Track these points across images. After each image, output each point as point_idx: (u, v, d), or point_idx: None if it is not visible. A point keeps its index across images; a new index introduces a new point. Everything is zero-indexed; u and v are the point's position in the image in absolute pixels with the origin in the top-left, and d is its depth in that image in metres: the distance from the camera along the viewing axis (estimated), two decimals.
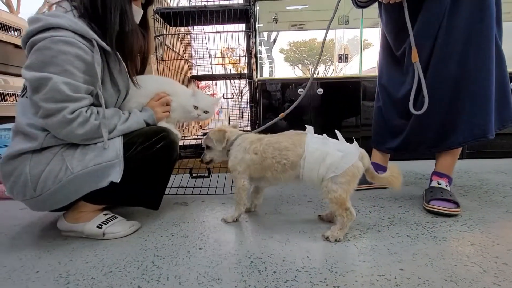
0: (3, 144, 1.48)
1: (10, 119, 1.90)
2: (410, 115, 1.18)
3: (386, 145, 1.39)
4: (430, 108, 1.08)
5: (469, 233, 0.90)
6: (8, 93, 1.95)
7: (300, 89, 2.14)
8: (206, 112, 1.13)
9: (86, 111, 0.86)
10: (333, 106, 2.17)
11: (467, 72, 1.08)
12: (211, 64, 2.25)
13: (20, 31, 2.15)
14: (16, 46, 2.07)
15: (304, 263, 0.75)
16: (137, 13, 0.99)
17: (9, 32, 2.06)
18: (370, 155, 1.49)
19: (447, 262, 0.74)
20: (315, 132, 0.96)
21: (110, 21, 0.88)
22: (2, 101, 1.90)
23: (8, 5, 9.01)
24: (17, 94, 2.02)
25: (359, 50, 2.39)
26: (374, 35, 2.55)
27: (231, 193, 1.38)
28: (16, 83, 2.04)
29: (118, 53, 0.95)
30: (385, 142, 1.40)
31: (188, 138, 2.00)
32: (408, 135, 1.25)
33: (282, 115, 1.24)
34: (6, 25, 2.02)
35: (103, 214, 0.97)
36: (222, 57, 2.45)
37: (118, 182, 0.87)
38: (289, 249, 0.83)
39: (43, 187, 0.85)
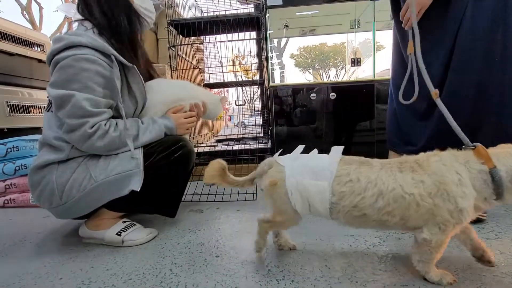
0: (28, 155, 1.56)
1: (34, 130, 1.99)
2: (428, 116, 1.13)
3: (406, 147, 1.34)
4: (453, 108, 1.03)
5: (497, 240, 0.86)
6: (32, 106, 2.05)
7: (312, 94, 2.13)
8: None
9: (105, 125, 0.89)
10: (346, 110, 2.15)
11: (494, 66, 0.99)
12: (223, 72, 2.29)
13: (43, 47, 2.26)
14: (40, 61, 2.18)
15: (323, 272, 0.74)
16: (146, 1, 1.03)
17: (33, 48, 2.18)
18: (386, 158, 1.46)
19: (474, 272, 0.70)
20: (336, 141, 0.90)
21: (120, 22, 0.93)
22: (26, 113, 2.00)
23: (32, 22, 9.58)
24: (40, 106, 2.12)
25: (370, 53, 2.36)
26: (386, 38, 2.52)
27: (245, 200, 1.38)
28: (39, 96, 2.14)
29: (135, 66, 0.98)
30: (403, 144, 1.35)
31: (201, 145, 2.03)
32: (430, 138, 1.19)
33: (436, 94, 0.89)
34: (30, 41, 2.14)
35: (122, 222, 1.00)
36: (233, 65, 2.48)
37: (138, 190, 0.89)
38: (306, 257, 0.81)
39: (69, 195, 0.88)
